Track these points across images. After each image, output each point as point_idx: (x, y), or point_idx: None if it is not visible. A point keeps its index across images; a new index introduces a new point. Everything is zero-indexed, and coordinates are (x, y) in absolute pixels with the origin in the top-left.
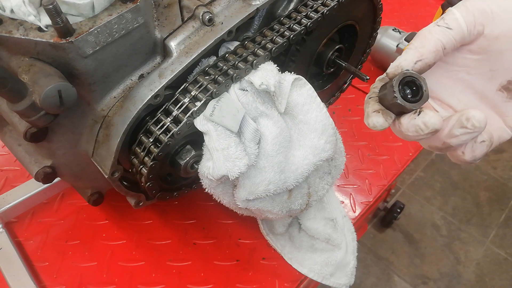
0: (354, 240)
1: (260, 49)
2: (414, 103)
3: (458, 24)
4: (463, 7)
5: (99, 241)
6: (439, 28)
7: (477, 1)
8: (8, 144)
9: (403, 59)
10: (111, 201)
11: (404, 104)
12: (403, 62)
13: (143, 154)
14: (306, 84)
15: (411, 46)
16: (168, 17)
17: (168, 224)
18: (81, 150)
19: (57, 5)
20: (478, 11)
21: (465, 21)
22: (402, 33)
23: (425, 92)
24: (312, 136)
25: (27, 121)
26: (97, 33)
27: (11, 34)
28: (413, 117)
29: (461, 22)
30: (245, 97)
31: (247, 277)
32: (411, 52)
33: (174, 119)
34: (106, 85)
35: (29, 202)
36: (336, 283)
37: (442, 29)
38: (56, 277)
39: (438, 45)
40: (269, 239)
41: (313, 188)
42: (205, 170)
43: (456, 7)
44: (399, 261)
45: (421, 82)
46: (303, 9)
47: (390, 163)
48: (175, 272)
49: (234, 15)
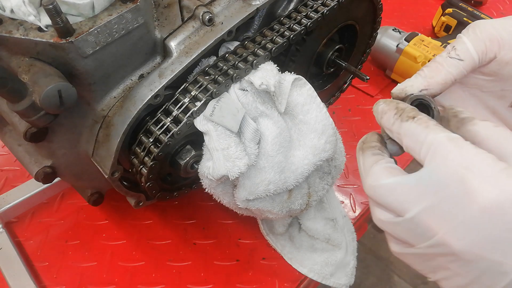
0: (354, 240)
1: (260, 49)
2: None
3: (470, 54)
4: (473, 34)
5: (99, 241)
6: (451, 61)
7: (487, 26)
8: (8, 144)
9: (409, 84)
10: (111, 201)
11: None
12: (409, 87)
13: (143, 154)
14: (306, 84)
15: (421, 72)
16: (168, 17)
17: (168, 224)
18: (81, 150)
19: (57, 5)
20: (488, 39)
21: (476, 51)
22: (402, 33)
23: (435, 111)
24: (312, 136)
25: (27, 121)
26: (97, 33)
27: (11, 34)
28: (455, 132)
29: (472, 52)
30: (245, 97)
31: (247, 277)
32: (419, 79)
33: (174, 119)
34: (106, 85)
35: (29, 202)
36: (336, 283)
37: (454, 61)
38: (56, 277)
39: (448, 78)
40: (269, 239)
41: (313, 188)
42: (205, 170)
43: (466, 34)
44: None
45: (429, 102)
46: (303, 9)
47: None
48: (175, 272)
49: (234, 15)
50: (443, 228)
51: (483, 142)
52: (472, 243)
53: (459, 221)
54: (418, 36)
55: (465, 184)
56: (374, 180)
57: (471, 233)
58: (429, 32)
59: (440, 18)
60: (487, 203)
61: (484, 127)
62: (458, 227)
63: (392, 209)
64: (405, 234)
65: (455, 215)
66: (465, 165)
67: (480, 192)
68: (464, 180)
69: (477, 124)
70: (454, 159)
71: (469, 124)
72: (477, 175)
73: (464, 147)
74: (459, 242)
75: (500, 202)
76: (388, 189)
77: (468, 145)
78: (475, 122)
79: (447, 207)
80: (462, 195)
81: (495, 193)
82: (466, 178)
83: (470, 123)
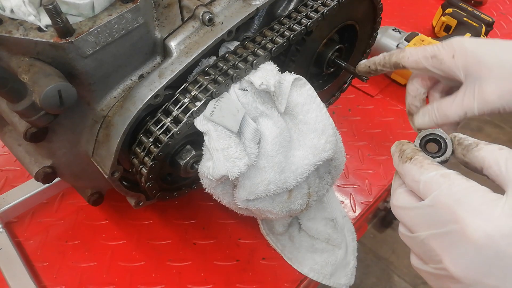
0: (354, 240)
1: (260, 49)
2: (440, 156)
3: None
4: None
5: (99, 241)
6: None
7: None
8: (8, 144)
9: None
10: (111, 201)
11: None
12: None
13: (143, 154)
14: (306, 84)
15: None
16: (168, 17)
17: (168, 224)
18: (81, 150)
19: (57, 5)
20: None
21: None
22: (402, 33)
23: (447, 141)
24: (312, 136)
25: (27, 121)
26: (97, 33)
27: (11, 34)
28: (462, 159)
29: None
30: (245, 97)
31: (247, 277)
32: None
33: (174, 119)
34: (106, 85)
35: (29, 202)
36: (336, 283)
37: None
38: (56, 277)
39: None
40: (269, 239)
41: (313, 188)
42: (205, 170)
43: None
44: (399, 261)
45: (440, 134)
46: (303, 9)
47: (390, 163)
48: (175, 272)
49: (234, 15)
50: (444, 255)
51: (491, 167)
52: (469, 269)
53: (457, 252)
54: (418, 36)
55: (457, 219)
56: (395, 200)
57: (468, 262)
58: (429, 32)
59: (440, 18)
60: (480, 238)
61: (489, 152)
62: (457, 257)
63: (407, 228)
64: (418, 251)
65: (453, 247)
66: (456, 199)
67: (472, 228)
68: (456, 214)
69: (483, 149)
70: (446, 194)
71: (475, 150)
72: (468, 210)
73: (456, 181)
74: (457, 269)
75: (490, 236)
76: (403, 210)
77: (460, 179)
78: (480, 147)
79: (446, 239)
80: (457, 231)
81: (485, 228)
82: (458, 213)
83: (476, 148)
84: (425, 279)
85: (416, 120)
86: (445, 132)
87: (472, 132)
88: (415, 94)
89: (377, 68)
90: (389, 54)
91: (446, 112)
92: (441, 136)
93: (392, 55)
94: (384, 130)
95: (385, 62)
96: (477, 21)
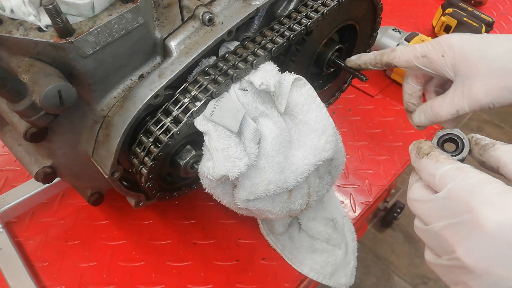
0: (354, 240)
1: (260, 49)
2: (457, 155)
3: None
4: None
5: (99, 241)
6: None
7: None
8: (8, 144)
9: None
10: (111, 201)
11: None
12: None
13: (143, 154)
14: (306, 84)
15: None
16: (168, 17)
17: (168, 224)
18: (81, 150)
19: (57, 5)
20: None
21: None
22: (402, 33)
23: (464, 141)
24: (312, 136)
25: (27, 121)
26: (97, 33)
27: (11, 34)
28: (479, 158)
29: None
30: (245, 97)
31: (247, 277)
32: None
33: (174, 119)
34: (106, 85)
35: (29, 202)
36: (336, 283)
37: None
38: (56, 277)
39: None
40: (269, 239)
41: (313, 188)
42: (205, 170)
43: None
44: (399, 261)
45: (457, 134)
46: (303, 9)
47: (390, 163)
48: (175, 272)
49: (234, 15)
50: (457, 245)
51: (506, 166)
52: (481, 259)
53: (470, 242)
54: (418, 36)
55: (471, 209)
56: (411, 193)
57: (480, 251)
58: (429, 32)
59: (440, 18)
60: (492, 227)
61: (505, 152)
62: (469, 247)
63: (422, 220)
64: (432, 244)
65: (466, 237)
66: (470, 190)
67: (484, 218)
68: (470, 205)
69: (499, 149)
70: (460, 186)
71: (491, 150)
72: (481, 200)
73: (470, 174)
74: (469, 259)
75: (502, 225)
76: (419, 203)
77: (474, 172)
78: (497, 147)
79: (460, 229)
80: (470, 221)
81: (498, 218)
82: (471, 204)
83: (492, 148)
84: (438, 274)
85: (414, 118)
86: (462, 132)
87: (472, 132)
88: (411, 92)
89: (368, 67)
90: (380, 53)
91: (439, 112)
92: (459, 136)
93: (383, 54)
94: (384, 130)
95: (376, 62)
96: (477, 21)
